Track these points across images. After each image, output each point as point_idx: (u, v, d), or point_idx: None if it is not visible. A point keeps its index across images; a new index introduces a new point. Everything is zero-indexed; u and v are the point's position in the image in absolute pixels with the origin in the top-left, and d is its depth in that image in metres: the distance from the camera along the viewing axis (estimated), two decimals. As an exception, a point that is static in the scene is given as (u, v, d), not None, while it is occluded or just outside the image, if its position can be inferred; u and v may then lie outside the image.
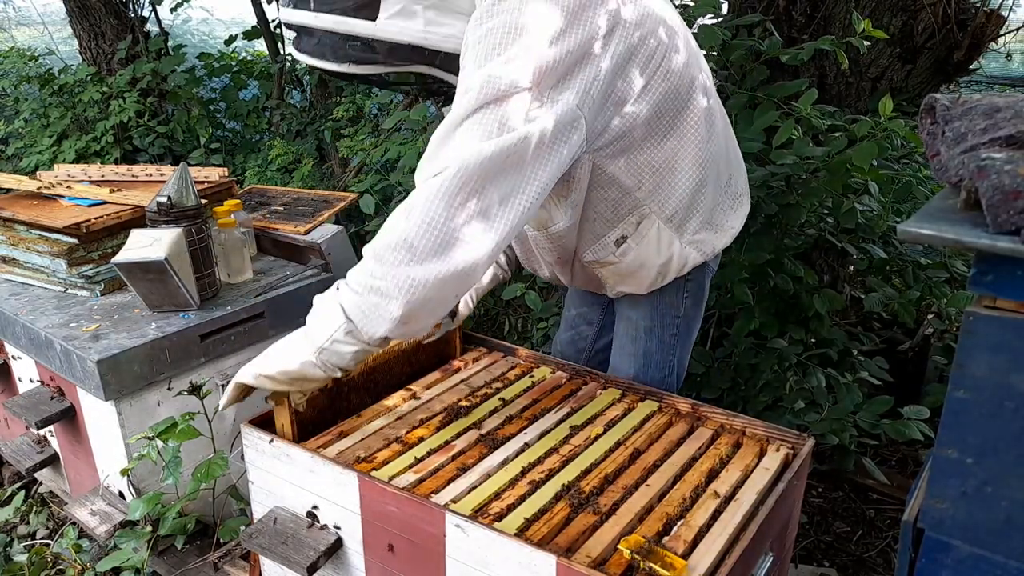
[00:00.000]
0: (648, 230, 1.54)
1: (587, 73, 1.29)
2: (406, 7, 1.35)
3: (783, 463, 1.41)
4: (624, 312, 1.77)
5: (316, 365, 1.32)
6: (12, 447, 2.21)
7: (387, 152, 3.13)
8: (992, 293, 0.84)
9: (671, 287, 1.68)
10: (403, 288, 1.22)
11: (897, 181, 2.50)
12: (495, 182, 1.22)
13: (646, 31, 1.37)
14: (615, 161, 1.45)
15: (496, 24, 1.26)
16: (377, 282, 1.24)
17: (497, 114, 1.23)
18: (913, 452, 2.74)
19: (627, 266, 1.59)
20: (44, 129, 4.93)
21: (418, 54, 1.40)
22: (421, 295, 1.23)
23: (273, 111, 5.11)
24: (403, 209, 1.24)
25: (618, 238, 1.55)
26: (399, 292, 1.23)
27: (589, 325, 2.00)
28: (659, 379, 1.77)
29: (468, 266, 1.23)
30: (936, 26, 2.85)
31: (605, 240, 1.56)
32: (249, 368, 1.39)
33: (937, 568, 0.95)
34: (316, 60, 1.44)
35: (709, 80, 1.59)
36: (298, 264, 2.33)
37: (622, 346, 1.80)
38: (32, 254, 2.14)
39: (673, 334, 1.75)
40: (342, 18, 1.37)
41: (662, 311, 1.72)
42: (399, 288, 1.22)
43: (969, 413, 0.87)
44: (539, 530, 1.21)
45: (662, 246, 1.56)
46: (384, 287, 1.23)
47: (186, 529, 1.81)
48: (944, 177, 0.92)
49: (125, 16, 4.99)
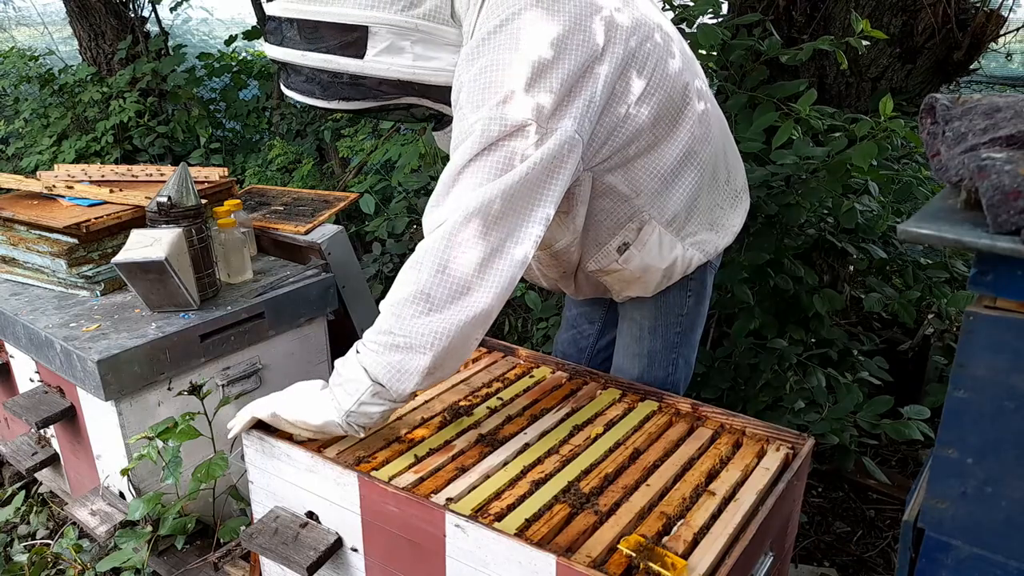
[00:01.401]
0: (649, 236, 1.54)
1: (585, 94, 1.29)
2: (393, 44, 1.34)
3: (783, 463, 1.41)
4: (628, 312, 1.77)
5: (340, 426, 1.34)
6: (12, 447, 2.21)
7: (387, 152, 3.13)
8: (992, 293, 0.84)
9: (675, 287, 1.68)
10: (427, 341, 1.23)
11: (897, 181, 2.50)
12: (502, 221, 1.24)
13: (642, 36, 1.37)
14: (613, 173, 1.45)
15: (488, 62, 1.26)
16: (400, 339, 1.25)
17: (498, 156, 1.24)
18: (913, 452, 2.74)
19: (631, 272, 1.59)
20: (44, 129, 4.93)
21: (408, 88, 1.40)
22: (446, 344, 1.24)
23: (273, 111, 5.11)
24: (413, 263, 1.25)
25: (620, 245, 1.56)
26: (424, 345, 1.24)
27: (591, 324, 2.01)
28: (663, 377, 1.77)
29: (488, 307, 1.25)
30: (936, 26, 2.85)
31: (607, 248, 1.57)
32: (267, 405, 1.40)
33: (937, 568, 0.95)
34: (305, 97, 1.44)
35: (705, 85, 1.59)
36: (298, 264, 2.33)
37: (626, 346, 1.80)
38: (32, 254, 2.14)
39: (677, 332, 1.75)
40: (329, 56, 1.37)
41: (665, 311, 1.72)
42: (423, 341, 1.23)
43: (969, 413, 0.87)
44: (539, 530, 1.21)
45: (664, 250, 1.56)
46: (408, 343, 1.24)
47: (186, 529, 1.81)
48: (944, 177, 0.92)
49: (125, 16, 4.99)
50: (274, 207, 2.58)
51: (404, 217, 3.20)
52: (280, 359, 2.16)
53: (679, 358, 1.78)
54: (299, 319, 2.17)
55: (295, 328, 2.17)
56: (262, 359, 2.11)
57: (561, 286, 1.75)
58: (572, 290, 1.76)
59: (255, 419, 1.42)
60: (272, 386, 2.15)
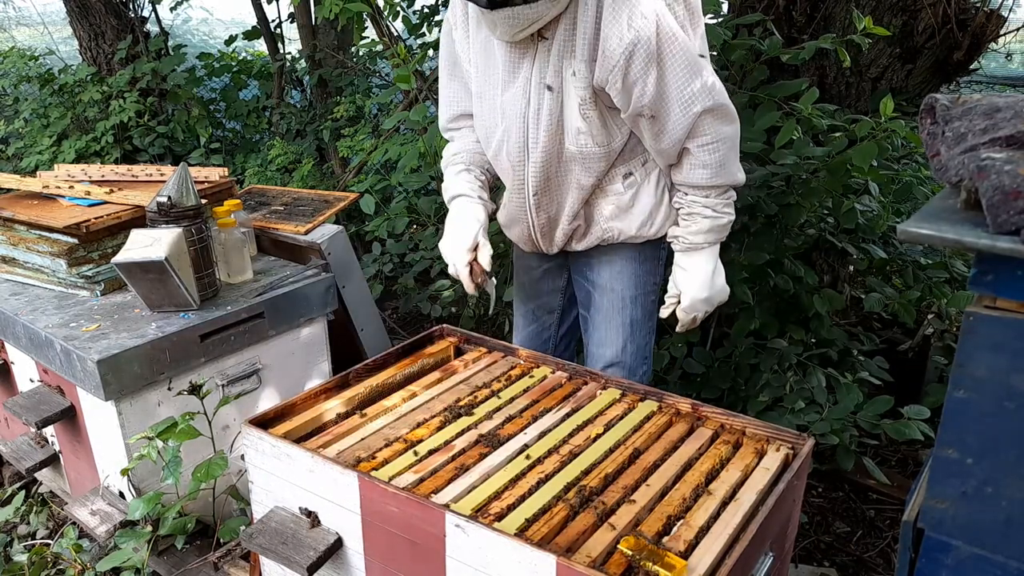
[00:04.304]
0: (651, 171, 1.77)
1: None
2: None
3: (783, 463, 1.41)
4: (606, 285, 1.88)
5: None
6: (12, 447, 2.21)
7: (387, 152, 3.13)
8: (992, 293, 0.84)
9: (650, 253, 1.85)
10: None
11: (897, 181, 2.51)
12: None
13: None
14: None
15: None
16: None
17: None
18: (913, 452, 2.74)
19: (627, 201, 1.78)
20: (44, 129, 4.93)
21: None
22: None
23: (273, 111, 5.11)
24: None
25: (626, 173, 1.76)
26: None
27: (550, 313, 2.11)
28: (643, 345, 1.90)
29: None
30: (936, 26, 2.85)
31: (615, 172, 1.76)
32: None
33: (937, 568, 0.95)
34: None
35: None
36: (298, 264, 2.33)
37: (607, 319, 1.90)
38: (32, 254, 2.14)
39: (652, 300, 1.92)
40: None
41: (643, 279, 1.87)
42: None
43: (969, 413, 0.87)
44: (539, 530, 1.21)
45: (658, 191, 1.79)
46: None
47: (186, 529, 1.81)
48: (944, 177, 0.92)
49: (125, 16, 4.99)
50: (274, 207, 2.58)
51: (404, 217, 3.20)
52: (280, 359, 2.16)
53: (653, 326, 1.93)
54: (299, 319, 2.17)
55: (295, 328, 2.17)
56: (262, 359, 2.11)
57: (537, 233, 1.85)
58: (547, 241, 1.87)
59: None
60: (272, 386, 2.15)
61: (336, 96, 4.74)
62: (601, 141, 1.68)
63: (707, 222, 1.72)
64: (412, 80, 2.78)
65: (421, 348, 1.82)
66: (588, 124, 1.65)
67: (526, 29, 1.54)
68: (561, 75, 1.61)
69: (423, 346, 1.83)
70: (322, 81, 4.81)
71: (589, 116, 1.64)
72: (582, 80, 1.59)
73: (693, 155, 1.67)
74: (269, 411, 1.50)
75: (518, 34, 1.55)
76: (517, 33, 1.55)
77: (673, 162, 1.72)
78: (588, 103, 1.62)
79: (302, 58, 4.89)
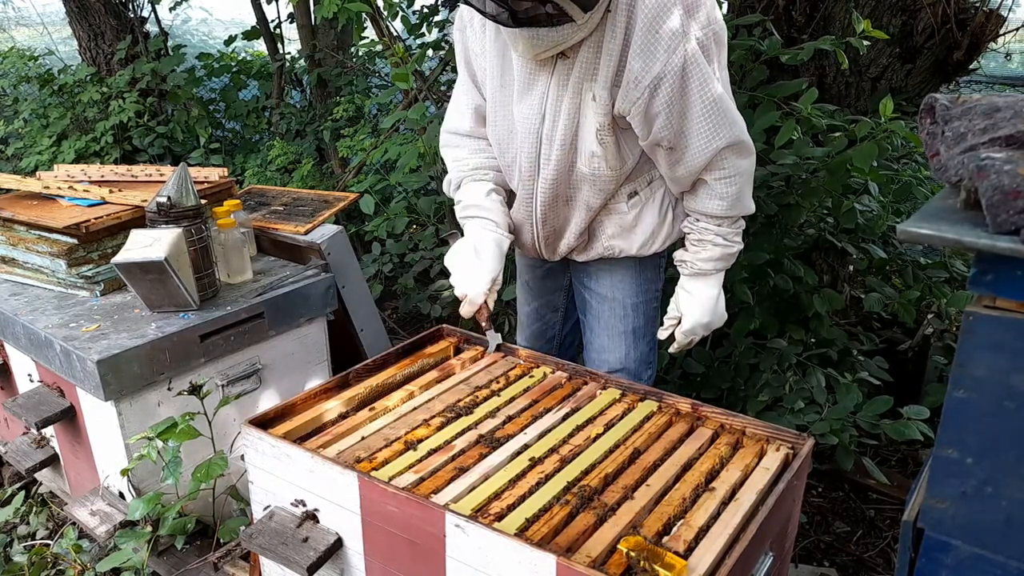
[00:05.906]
0: (656, 190, 1.76)
1: None
2: None
3: (783, 463, 1.41)
4: (607, 293, 1.87)
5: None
6: (12, 447, 2.21)
7: (387, 152, 3.13)
8: (992, 293, 0.84)
9: (651, 262, 1.84)
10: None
11: (897, 181, 2.51)
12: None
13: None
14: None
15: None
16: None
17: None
18: (913, 452, 2.74)
19: (630, 221, 1.77)
20: (44, 129, 4.93)
21: None
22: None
23: (272, 111, 5.11)
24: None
25: (631, 192, 1.75)
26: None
27: (554, 312, 2.10)
28: (647, 351, 1.90)
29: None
30: (936, 26, 2.85)
31: (620, 191, 1.75)
32: None
33: (937, 568, 0.95)
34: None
35: None
36: (298, 264, 2.33)
37: (609, 326, 1.88)
38: (32, 254, 2.14)
39: (654, 307, 1.92)
40: None
41: (645, 287, 1.86)
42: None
43: (969, 413, 0.87)
44: (539, 530, 1.21)
45: (662, 210, 1.78)
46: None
47: (186, 529, 1.80)
48: (944, 177, 0.92)
49: (125, 16, 4.99)
50: (274, 207, 2.58)
51: (404, 217, 3.20)
52: (280, 359, 2.16)
53: (655, 332, 1.91)
54: (299, 319, 2.17)
55: (295, 328, 2.17)
56: (262, 359, 2.11)
57: (541, 243, 1.83)
58: (550, 251, 1.85)
59: None
60: (272, 386, 2.15)
61: (336, 96, 4.74)
62: (614, 165, 1.67)
63: (718, 250, 1.72)
64: (411, 80, 2.78)
65: (421, 348, 1.82)
66: (604, 149, 1.63)
67: (548, 50, 1.50)
68: (580, 97, 1.58)
69: (423, 346, 1.83)
70: (322, 81, 4.81)
71: (606, 142, 1.62)
72: (602, 107, 1.57)
73: (710, 186, 1.66)
74: (269, 411, 1.50)
75: (540, 54, 1.52)
76: (539, 53, 1.51)
77: (687, 189, 1.71)
78: (606, 129, 1.60)
79: (302, 58, 4.89)
